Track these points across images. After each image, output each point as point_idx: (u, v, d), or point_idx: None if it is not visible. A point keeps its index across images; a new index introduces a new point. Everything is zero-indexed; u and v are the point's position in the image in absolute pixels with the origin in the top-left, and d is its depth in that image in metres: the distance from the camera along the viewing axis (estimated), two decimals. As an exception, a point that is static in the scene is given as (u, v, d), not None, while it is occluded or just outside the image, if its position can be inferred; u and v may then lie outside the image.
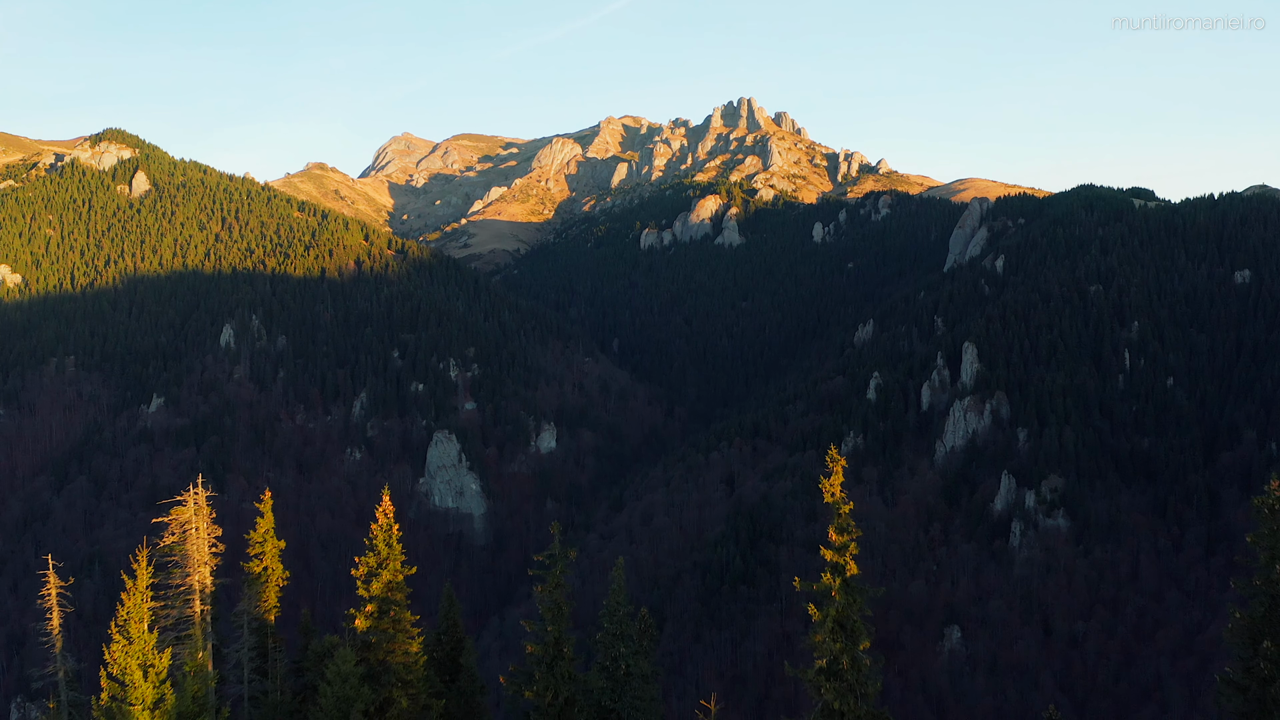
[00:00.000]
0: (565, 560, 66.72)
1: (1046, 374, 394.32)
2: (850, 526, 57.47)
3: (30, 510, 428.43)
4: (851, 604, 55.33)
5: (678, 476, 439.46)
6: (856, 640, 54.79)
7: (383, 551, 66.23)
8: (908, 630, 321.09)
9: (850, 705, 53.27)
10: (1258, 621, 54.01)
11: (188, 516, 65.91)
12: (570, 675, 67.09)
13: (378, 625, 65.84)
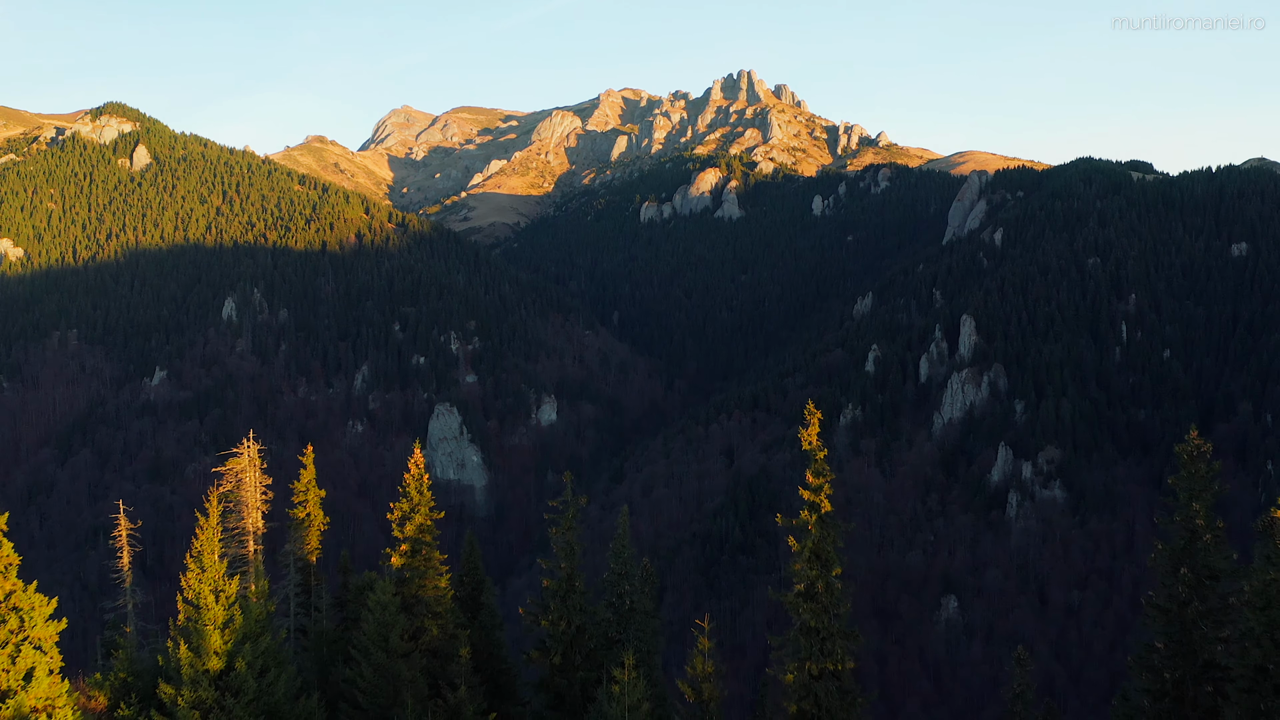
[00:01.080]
0: (576, 506, 73.38)
1: (1044, 346, 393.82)
2: (825, 470, 62.29)
3: (34, 482, 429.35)
4: (825, 536, 60.96)
5: (677, 448, 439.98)
6: (830, 567, 60.69)
7: (414, 497, 72.34)
8: (905, 600, 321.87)
9: (824, 623, 59.49)
10: (1178, 552, 59.57)
11: (243, 466, 70.49)
12: (581, 608, 73.57)
13: (411, 563, 71.56)
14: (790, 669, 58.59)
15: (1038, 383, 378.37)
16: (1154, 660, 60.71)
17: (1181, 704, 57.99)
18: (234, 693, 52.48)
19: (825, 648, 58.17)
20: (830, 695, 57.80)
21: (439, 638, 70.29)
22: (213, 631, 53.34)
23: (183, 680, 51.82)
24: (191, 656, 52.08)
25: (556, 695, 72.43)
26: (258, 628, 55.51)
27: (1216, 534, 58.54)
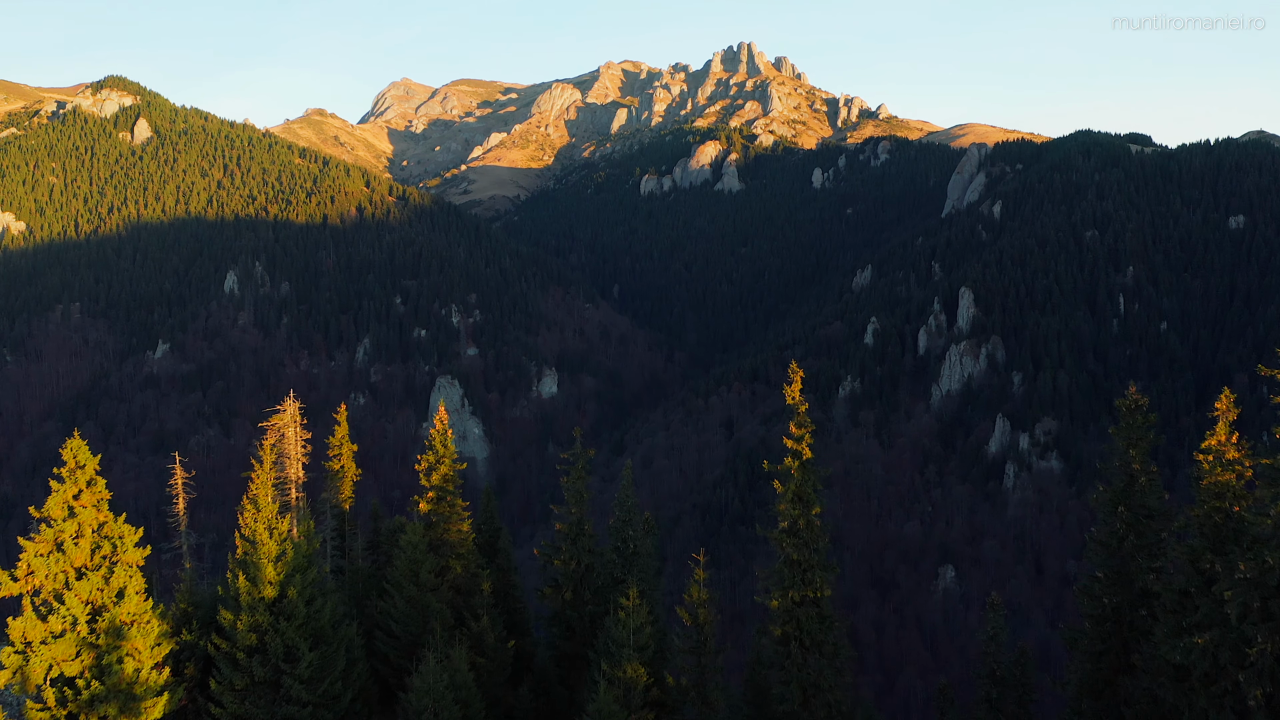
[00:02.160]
0: (585, 458, 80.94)
1: (1042, 319, 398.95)
2: (806, 422, 68.19)
3: (38, 455, 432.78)
4: (806, 480, 69.31)
5: (677, 421, 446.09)
6: (810, 507, 69.28)
7: (439, 450, 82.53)
8: (903, 570, 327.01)
9: (805, 556, 67.43)
10: (1117, 494, 66.96)
11: (285, 422, 77.64)
12: (589, 549, 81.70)
13: (436, 509, 79.89)
14: (775, 596, 66.68)
15: (1035, 355, 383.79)
16: (1096, 589, 68.25)
17: (1120, 626, 65.78)
18: (286, 617, 59.97)
19: (806, 577, 66.09)
20: (810, 619, 65.83)
21: (462, 576, 78.13)
22: (267, 564, 60.72)
23: (241, 607, 59.46)
24: (249, 586, 59.76)
25: (567, 627, 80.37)
26: (305, 562, 62.77)
27: (1151, 477, 66.53)
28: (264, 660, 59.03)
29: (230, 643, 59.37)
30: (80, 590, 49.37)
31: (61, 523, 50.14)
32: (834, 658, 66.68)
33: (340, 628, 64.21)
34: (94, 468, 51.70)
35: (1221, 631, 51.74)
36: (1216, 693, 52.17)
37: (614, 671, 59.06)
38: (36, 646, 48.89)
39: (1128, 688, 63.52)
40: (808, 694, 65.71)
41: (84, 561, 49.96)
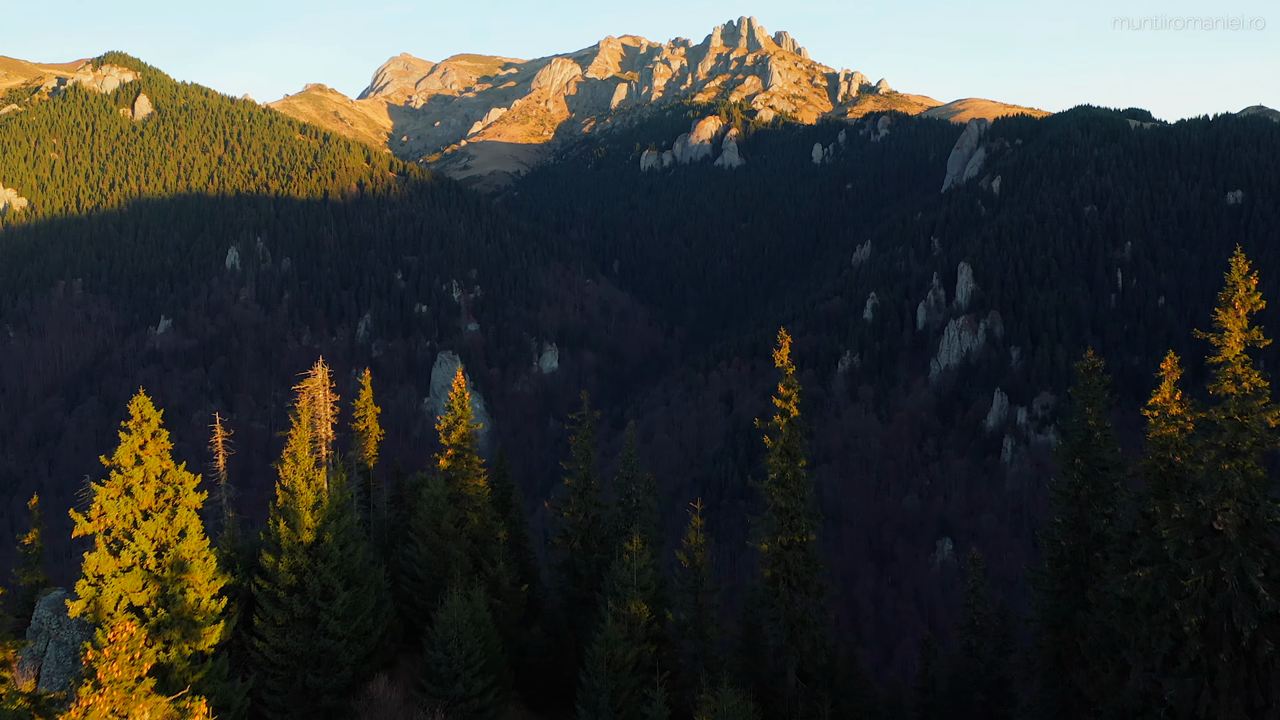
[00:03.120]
0: (592, 419, 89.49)
1: (1040, 293, 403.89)
2: (793, 383, 74.54)
3: (42, 430, 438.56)
4: (793, 436, 74.97)
5: (677, 395, 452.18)
6: (796, 460, 74.99)
7: (458, 411, 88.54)
8: (901, 542, 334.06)
9: (792, 504, 74.07)
10: (1075, 447, 73.81)
11: (316, 385, 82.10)
12: (595, 502, 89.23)
13: (455, 465, 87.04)
14: (765, 541, 73.91)
15: (1033, 329, 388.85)
16: (1055, 534, 75.12)
17: (1076, 567, 72.68)
18: (323, 560, 66.96)
19: (793, 524, 73.28)
20: (797, 561, 72.94)
21: (479, 526, 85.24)
22: (305, 512, 67.62)
23: (282, 550, 66.41)
24: (289, 531, 66.66)
25: (575, 574, 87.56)
26: (339, 510, 69.61)
27: (1106, 433, 73.47)
28: (303, 598, 66.04)
29: (272, 583, 66.30)
30: (147, 529, 56.06)
31: (130, 470, 56.75)
32: (818, 596, 73.70)
33: (370, 570, 71.25)
34: (157, 421, 58.21)
35: (1161, 566, 58.64)
36: (1157, 621, 59.05)
37: (619, 609, 65.77)
38: (108, 579, 55.58)
39: (1083, 621, 70.41)
40: (794, 629, 72.75)
41: (149, 504, 56.62)
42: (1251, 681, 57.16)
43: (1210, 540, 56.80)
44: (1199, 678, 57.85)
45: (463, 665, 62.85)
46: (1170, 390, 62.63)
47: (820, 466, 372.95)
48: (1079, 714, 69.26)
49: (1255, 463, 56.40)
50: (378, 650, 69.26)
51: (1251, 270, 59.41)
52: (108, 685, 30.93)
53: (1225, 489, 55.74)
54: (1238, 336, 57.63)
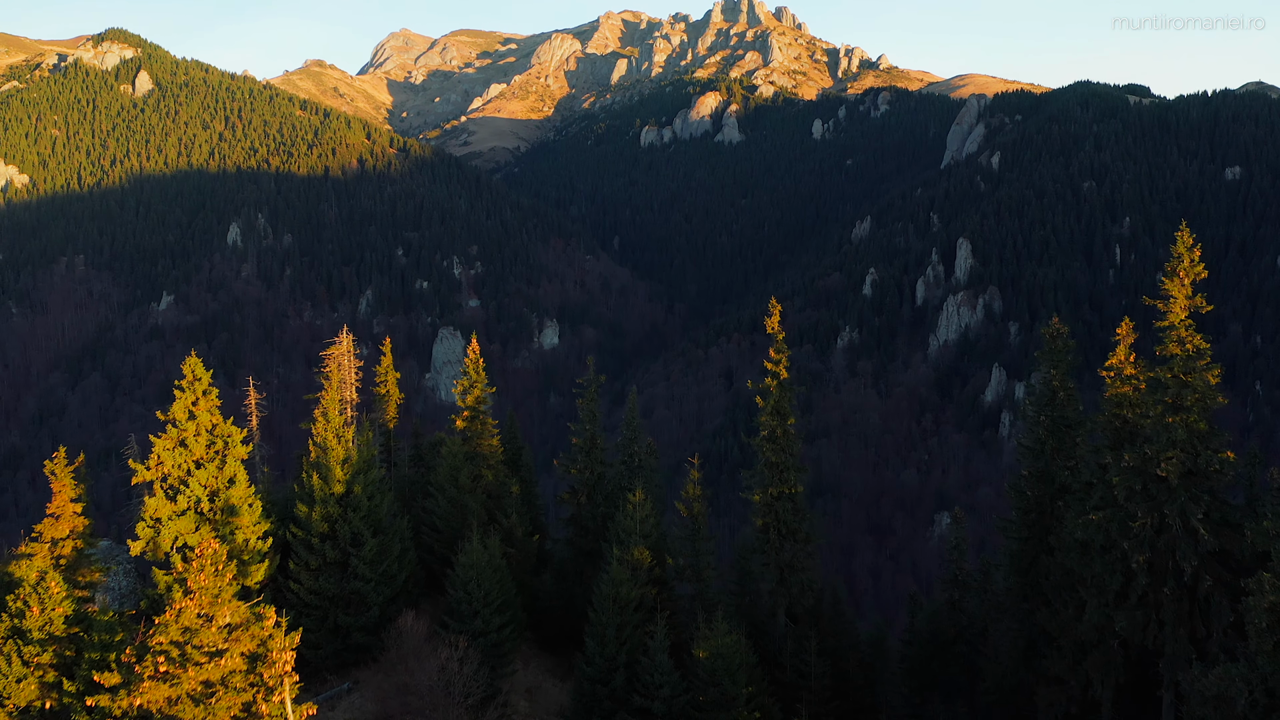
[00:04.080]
0: (597, 383, 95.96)
1: (1039, 269, 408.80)
2: (783, 348, 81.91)
3: (46, 406, 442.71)
4: (783, 396, 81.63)
5: (678, 371, 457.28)
6: (786, 418, 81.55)
7: (473, 375, 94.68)
8: (899, 517, 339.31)
9: (782, 458, 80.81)
10: (1041, 406, 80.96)
11: (342, 352, 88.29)
12: (601, 460, 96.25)
13: (471, 426, 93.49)
14: (757, 493, 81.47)
15: (1032, 305, 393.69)
16: (1022, 485, 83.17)
17: (1041, 516, 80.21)
18: (353, 509, 73.77)
19: (783, 476, 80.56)
20: (786, 511, 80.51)
21: (493, 482, 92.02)
22: (336, 466, 74.19)
23: (315, 501, 73.15)
24: (321, 483, 73.42)
25: (582, 527, 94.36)
26: (366, 465, 76.31)
27: (1069, 392, 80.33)
28: (335, 544, 72.98)
29: (306, 531, 73.15)
30: (199, 477, 62.80)
31: (184, 424, 63.46)
32: (806, 543, 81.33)
33: (395, 521, 78.22)
34: (207, 381, 64.90)
35: (1112, 511, 65.65)
36: (1109, 561, 66.12)
37: (623, 555, 72.33)
38: (165, 521, 62.38)
39: (1046, 564, 77.60)
40: (784, 574, 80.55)
41: (201, 454, 63.34)
42: (1193, 613, 64.32)
43: (1156, 486, 63.78)
44: (1146, 611, 65.12)
45: (481, 603, 69.55)
46: (1125, 353, 69.42)
47: (819, 441, 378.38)
48: (1043, 648, 76.39)
49: (1198, 416, 63.36)
50: (402, 593, 76.16)
51: (1195, 243, 65.95)
52: (197, 591, 37.36)
53: (1170, 440, 62.66)
54: (1182, 303, 64.34)
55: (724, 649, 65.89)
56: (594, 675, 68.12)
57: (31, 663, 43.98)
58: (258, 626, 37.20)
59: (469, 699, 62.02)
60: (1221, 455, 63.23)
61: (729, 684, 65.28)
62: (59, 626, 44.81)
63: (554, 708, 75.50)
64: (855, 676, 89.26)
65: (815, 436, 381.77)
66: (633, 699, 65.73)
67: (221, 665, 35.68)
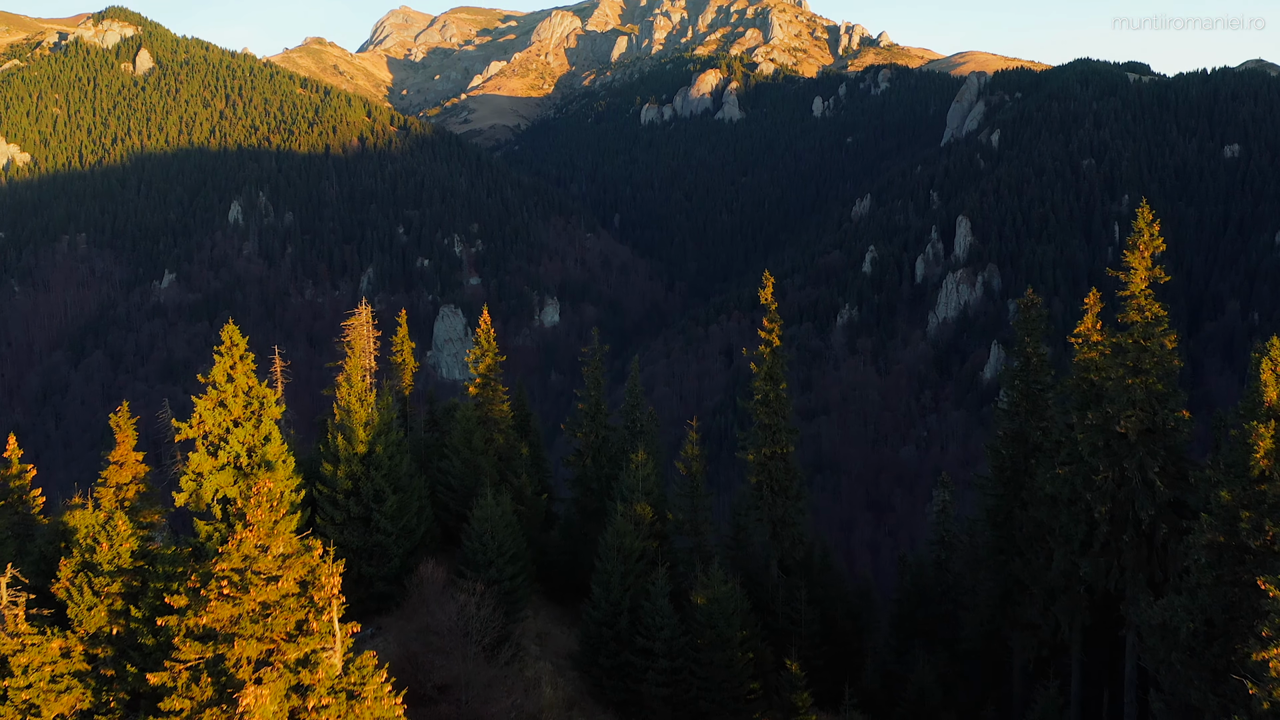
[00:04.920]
0: (601, 351, 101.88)
1: (1038, 246, 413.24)
2: (776, 317, 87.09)
3: (49, 384, 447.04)
4: (776, 363, 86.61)
5: (678, 349, 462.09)
6: (778, 383, 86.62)
7: (485, 345, 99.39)
8: (898, 493, 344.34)
9: (774, 420, 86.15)
10: (1015, 372, 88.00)
11: (361, 322, 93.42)
12: (605, 425, 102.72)
13: (483, 392, 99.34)
14: (751, 453, 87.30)
15: (1031, 282, 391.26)
16: (998, 445, 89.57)
17: (1015, 473, 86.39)
18: (375, 468, 79.75)
19: (775, 437, 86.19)
20: (778, 469, 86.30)
21: (504, 445, 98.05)
22: (359, 427, 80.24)
23: (340, 460, 79.14)
24: (346, 444, 79.42)
25: (586, 487, 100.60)
26: (386, 427, 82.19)
27: (1042, 359, 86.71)
28: (358, 500, 79.12)
29: (331, 488, 79.19)
30: (238, 435, 68.68)
31: (223, 386, 69.33)
32: (796, 499, 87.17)
33: (413, 479, 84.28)
34: (244, 347, 70.77)
35: (1077, 465, 71.90)
36: (1075, 512, 72.42)
37: (627, 510, 78.37)
38: (207, 475, 68.31)
39: (1019, 518, 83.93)
40: (776, 528, 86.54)
41: (239, 414, 69.20)
42: (1151, 558, 70.71)
43: (1117, 443, 70.01)
44: (1109, 557, 71.62)
45: (495, 553, 75.39)
46: (1092, 321, 75.52)
47: (819, 418, 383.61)
48: (1017, 596, 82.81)
49: (1156, 378, 69.55)
50: (421, 546, 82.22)
51: (1155, 218, 71.86)
52: (255, 524, 43.16)
53: (1130, 400, 68.87)
54: (1142, 274, 70.80)
55: (721, 596, 71.96)
56: (600, 619, 74.20)
57: (101, 592, 49.79)
58: (307, 556, 42.92)
59: (485, 639, 68.03)
60: (1177, 414, 69.47)
61: (725, 627, 71.37)
62: (126, 560, 50.65)
63: (562, 650, 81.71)
64: (843, 624, 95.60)
65: (815, 413, 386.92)
66: (636, 640, 71.81)
67: (277, 588, 41.45)
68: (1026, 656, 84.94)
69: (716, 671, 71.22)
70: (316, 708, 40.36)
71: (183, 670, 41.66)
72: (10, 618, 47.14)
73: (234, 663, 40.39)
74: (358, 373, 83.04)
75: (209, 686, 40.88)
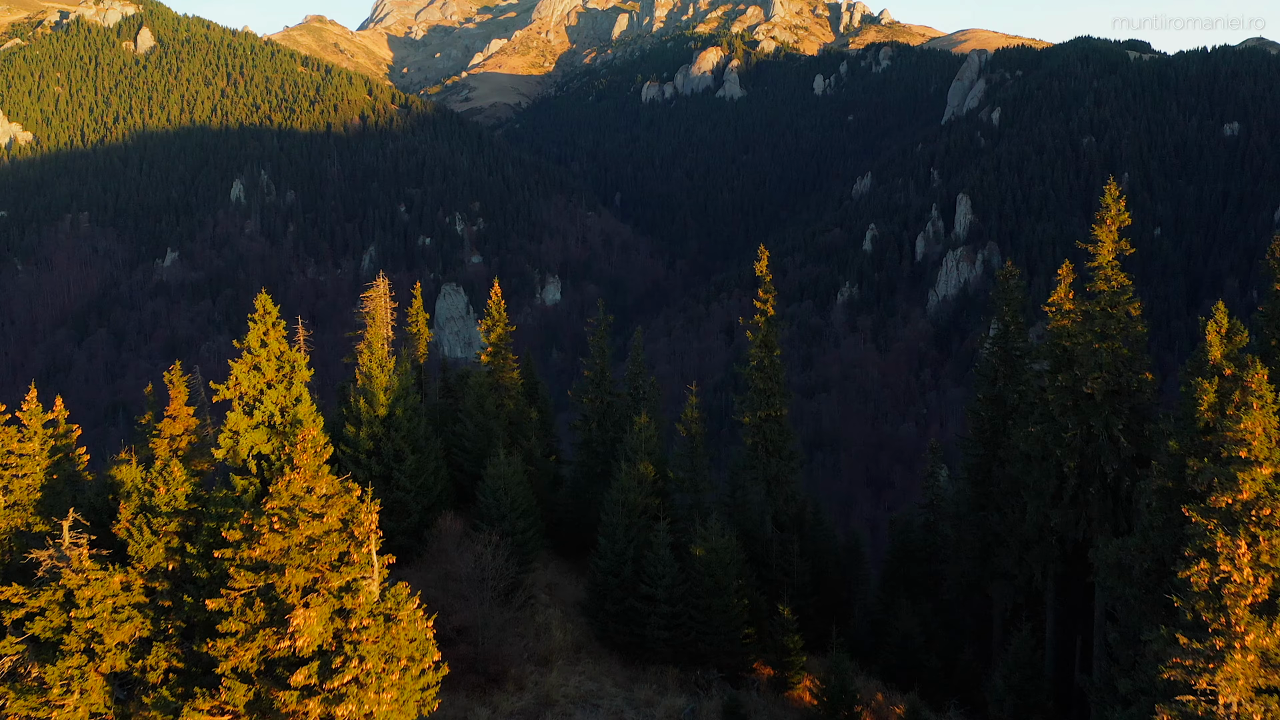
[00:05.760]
0: (606, 321, 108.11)
1: (1037, 224, 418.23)
2: (770, 288, 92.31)
3: (53, 362, 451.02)
4: (770, 331, 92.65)
5: (679, 327, 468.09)
6: (772, 350, 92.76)
7: (495, 315, 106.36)
8: (898, 470, 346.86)
9: (769, 385, 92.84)
10: (994, 339, 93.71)
11: (380, 293, 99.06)
12: (609, 391, 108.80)
13: (494, 360, 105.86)
14: (747, 415, 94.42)
15: (1030, 260, 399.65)
16: (978, 408, 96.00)
17: (994, 434, 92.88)
18: (394, 429, 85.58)
19: (769, 401, 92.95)
20: (773, 431, 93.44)
21: (514, 410, 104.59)
22: (379, 391, 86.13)
23: (361, 422, 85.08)
24: (367, 406, 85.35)
25: (592, 450, 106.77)
26: (405, 391, 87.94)
27: (1019, 326, 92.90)
28: (379, 460, 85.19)
29: (353, 448, 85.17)
30: (271, 396, 74.50)
31: (257, 350, 74.99)
32: (790, 459, 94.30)
33: (430, 441, 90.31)
34: (276, 314, 76.50)
35: (1048, 424, 78.14)
36: (1046, 467, 78.66)
37: (630, 469, 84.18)
38: (243, 433, 74.14)
39: (997, 475, 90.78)
40: (770, 486, 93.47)
41: (272, 376, 74.92)
42: (1116, 509, 77.03)
43: (1085, 403, 76.20)
44: (1077, 509, 78.02)
45: (508, 508, 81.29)
46: (1065, 290, 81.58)
47: (819, 396, 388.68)
48: (995, 549, 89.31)
49: (1121, 343, 75.68)
50: (437, 503, 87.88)
51: (1121, 194, 78.04)
52: (301, 467, 49.00)
53: (1097, 363, 74.99)
54: (1109, 246, 76.88)
55: (718, 547, 78.01)
56: (606, 568, 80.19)
57: (160, 532, 55.47)
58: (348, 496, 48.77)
59: (499, 585, 74.23)
60: (1141, 376, 75.56)
61: (722, 575, 77.43)
62: (181, 502, 56.31)
63: (570, 599, 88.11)
64: (833, 576, 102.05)
65: (815, 391, 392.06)
66: (639, 587, 77.81)
67: (322, 524, 47.30)
68: (1005, 605, 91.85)
69: (714, 616, 77.19)
70: (358, 628, 46.09)
71: (238, 597, 47.43)
72: (74, 556, 52.98)
73: (284, 589, 46.12)
74: (379, 340, 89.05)
75: (262, 610, 46.69)
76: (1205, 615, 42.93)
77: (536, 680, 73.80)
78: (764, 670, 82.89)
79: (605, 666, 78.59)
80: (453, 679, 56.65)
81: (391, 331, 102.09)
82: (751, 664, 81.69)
